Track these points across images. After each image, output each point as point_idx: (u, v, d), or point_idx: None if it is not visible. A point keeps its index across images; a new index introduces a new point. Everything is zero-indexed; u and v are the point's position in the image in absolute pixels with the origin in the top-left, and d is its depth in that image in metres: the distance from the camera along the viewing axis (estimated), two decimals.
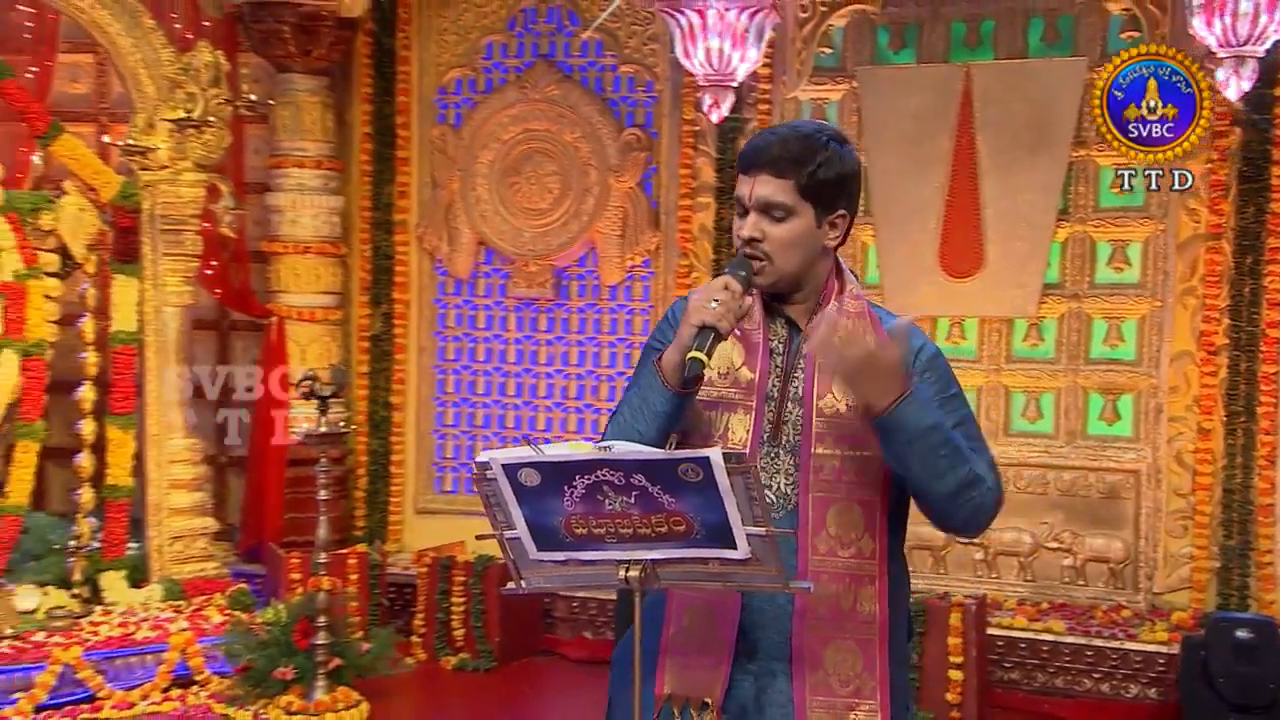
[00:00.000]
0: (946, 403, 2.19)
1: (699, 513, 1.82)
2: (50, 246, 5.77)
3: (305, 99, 6.59)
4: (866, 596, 2.14)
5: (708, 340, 2.02)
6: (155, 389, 5.98)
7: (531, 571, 1.95)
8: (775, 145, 2.17)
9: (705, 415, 2.18)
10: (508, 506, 1.87)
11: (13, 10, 6.66)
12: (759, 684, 2.13)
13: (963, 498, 2.12)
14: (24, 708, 4.93)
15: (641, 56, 6.57)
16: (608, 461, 1.79)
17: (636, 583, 1.88)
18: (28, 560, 5.79)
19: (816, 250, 2.21)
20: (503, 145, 6.67)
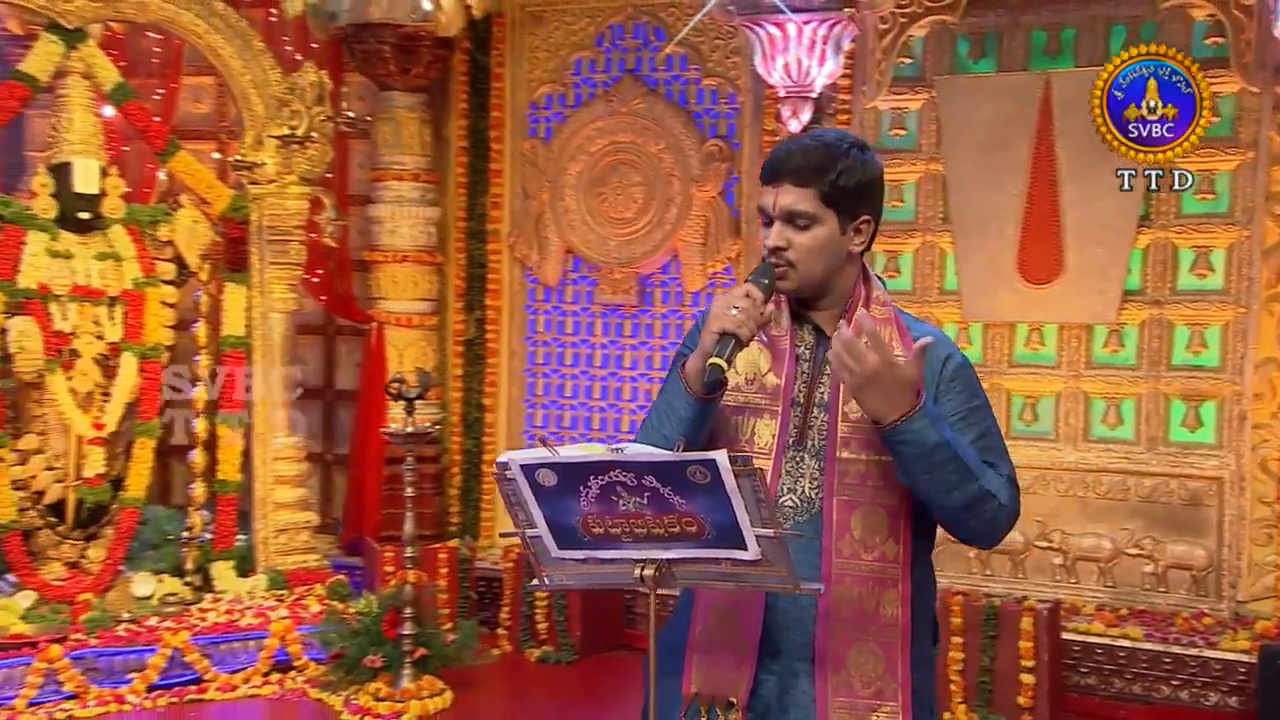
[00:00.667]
0: (970, 414, 2.15)
1: (709, 514, 1.83)
2: (167, 256, 5.99)
3: (404, 115, 6.73)
4: (889, 600, 2.11)
5: (728, 347, 2.01)
6: (261, 390, 6.17)
7: (554, 569, 1.98)
8: (797, 155, 2.16)
9: (732, 420, 2.18)
10: (528, 506, 1.89)
11: (143, 37, 6.94)
12: (782, 683, 2.12)
13: (971, 513, 2.09)
14: (137, 687, 5.12)
15: (724, 69, 6.56)
16: (619, 463, 1.80)
17: (651, 582, 1.89)
18: (146, 549, 6.02)
19: (841, 257, 2.19)
20: (590, 157, 6.72)
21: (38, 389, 5.56)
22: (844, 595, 2.09)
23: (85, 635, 5.22)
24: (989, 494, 2.08)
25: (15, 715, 4.82)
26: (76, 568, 5.68)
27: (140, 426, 5.79)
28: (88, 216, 5.71)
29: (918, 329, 2.24)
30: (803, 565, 2.08)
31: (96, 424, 5.61)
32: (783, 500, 2.13)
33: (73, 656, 5.06)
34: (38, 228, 5.56)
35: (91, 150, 5.74)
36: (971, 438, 2.13)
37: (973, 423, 2.15)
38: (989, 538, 2.15)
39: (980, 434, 2.15)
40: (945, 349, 2.20)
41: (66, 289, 5.58)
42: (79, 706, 4.97)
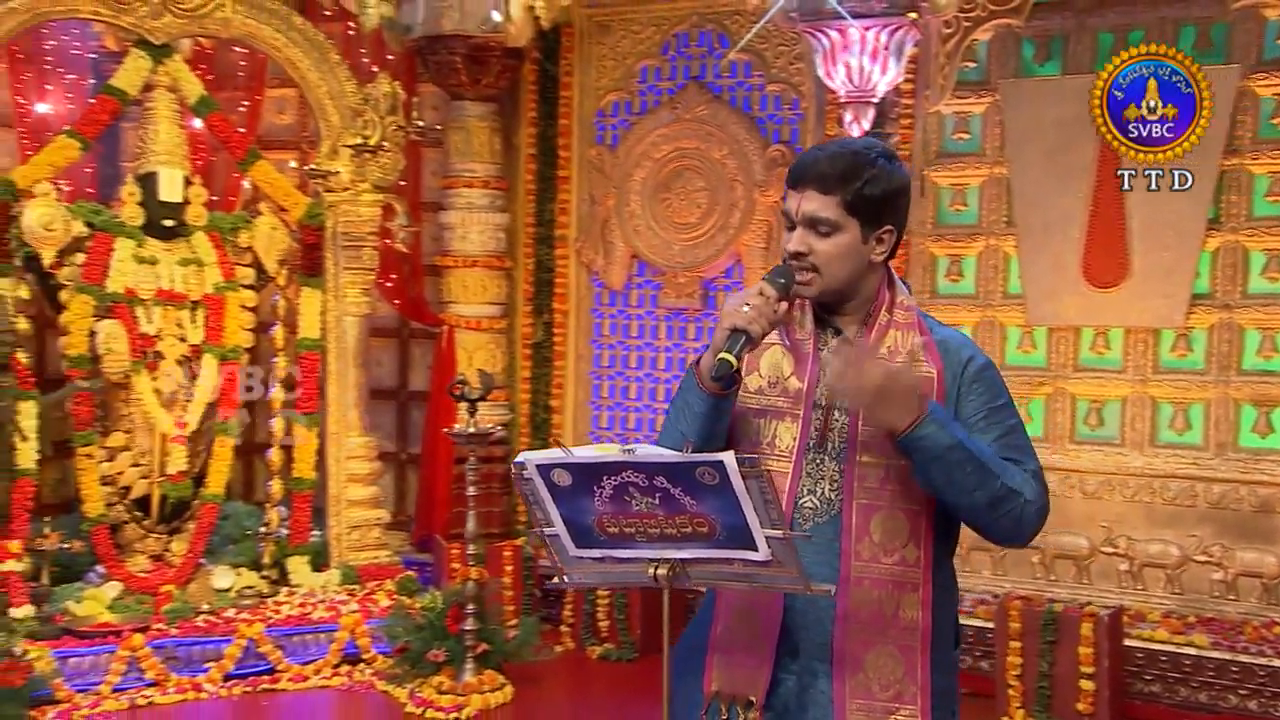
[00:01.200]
0: (992, 413, 2.12)
1: (719, 514, 1.82)
2: (247, 262, 6.13)
3: (475, 124, 6.81)
4: (909, 603, 2.09)
5: (738, 343, 2.01)
6: (336, 391, 6.28)
7: (573, 568, 1.99)
8: (822, 162, 2.14)
9: (754, 423, 2.17)
10: (545, 505, 1.91)
11: (230, 52, 7.12)
12: (801, 683, 2.11)
13: (997, 512, 2.06)
14: (214, 676, 5.25)
15: (788, 75, 6.53)
16: (631, 464, 1.81)
17: (665, 581, 1.89)
18: (226, 544, 6.17)
19: (863, 264, 2.16)
20: (655, 163, 6.73)
21: (125, 389, 5.72)
22: (863, 598, 2.07)
23: (166, 625, 5.36)
24: (1013, 491, 2.05)
25: (100, 700, 4.96)
26: (160, 560, 5.83)
27: (220, 426, 5.93)
28: (172, 224, 5.87)
29: (941, 333, 2.21)
30: (822, 567, 2.07)
31: (179, 423, 5.76)
32: (803, 502, 2.11)
33: (154, 645, 5.20)
34: (125, 235, 5.73)
35: (176, 160, 5.90)
36: (994, 436, 2.11)
37: (995, 421, 2.12)
38: (1018, 536, 2.12)
39: (1003, 432, 2.12)
40: (967, 351, 2.17)
41: (151, 293, 5.73)
42: (159, 693, 5.10)
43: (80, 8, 5.75)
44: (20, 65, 6.91)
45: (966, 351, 2.17)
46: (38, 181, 5.57)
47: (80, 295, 5.57)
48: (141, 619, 5.38)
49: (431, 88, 7.06)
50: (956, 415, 2.11)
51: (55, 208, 5.55)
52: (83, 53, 7.10)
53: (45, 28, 7.02)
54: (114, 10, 5.76)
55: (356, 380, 6.34)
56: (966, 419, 2.11)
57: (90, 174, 6.92)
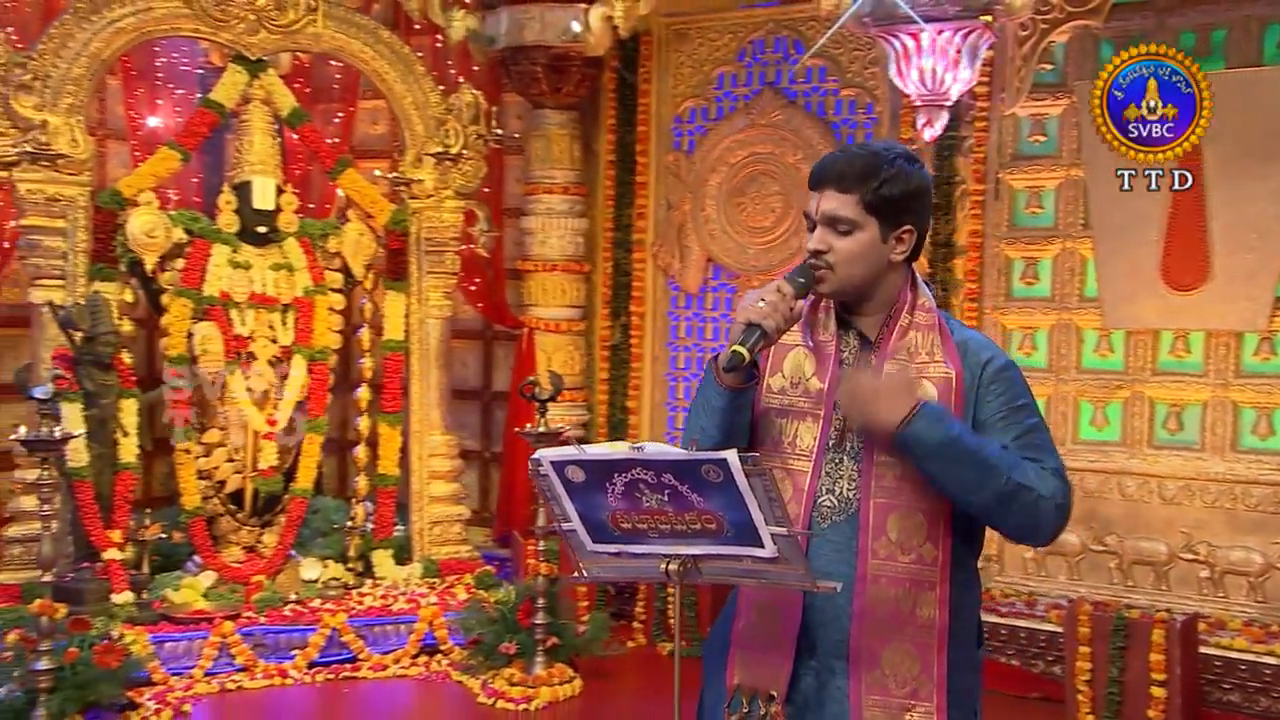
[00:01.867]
0: (1012, 413, 2.10)
1: (725, 511, 1.84)
2: (335, 266, 6.29)
3: (555, 131, 6.89)
4: (926, 601, 2.07)
5: (751, 336, 2.02)
6: (419, 391, 6.41)
7: (590, 562, 2.02)
8: (842, 162, 2.15)
9: (776, 422, 2.18)
10: (561, 501, 1.94)
11: (326, 66, 7.32)
12: (820, 680, 2.11)
13: (1008, 509, 2.03)
14: (299, 663, 5.40)
15: (862, 80, 6.48)
16: (640, 461, 1.83)
17: (677, 576, 1.91)
18: (316, 537, 6.34)
19: (882, 264, 2.16)
20: (730, 168, 6.74)
21: (221, 387, 5.91)
22: (879, 595, 2.06)
23: (256, 613, 5.53)
24: (1022, 487, 2.02)
25: (193, 683, 5.15)
26: (253, 551, 6.02)
27: (309, 424, 6.10)
28: (265, 230, 6.05)
29: (962, 334, 2.19)
30: (840, 565, 2.07)
31: (269, 420, 5.94)
32: (821, 501, 2.11)
33: (243, 632, 5.37)
34: (221, 241, 5.93)
35: (269, 170, 6.09)
36: (1013, 435, 2.09)
37: (1014, 421, 2.10)
38: (1036, 533, 2.08)
39: (1022, 431, 2.10)
40: (986, 353, 2.15)
41: (245, 296, 5.93)
42: (248, 678, 5.27)
43: (182, 26, 5.97)
44: (133, 80, 7.20)
45: (986, 353, 2.15)
46: (141, 191, 5.79)
47: (179, 298, 5.78)
48: (233, 607, 5.56)
49: (516, 97, 7.16)
50: (976, 416, 2.10)
51: (157, 216, 5.76)
52: (191, 68, 7.35)
53: (156, 45, 7.33)
54: (213, 27, 5.97)
55: (438, 380, 6.46)
56: (985, 419, 2.09)
57: (197, 184, 7.18)
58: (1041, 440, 2.11)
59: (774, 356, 2.21)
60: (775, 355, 2.21)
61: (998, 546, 6.13)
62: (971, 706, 2.15)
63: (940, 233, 6.21)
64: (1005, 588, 6.04)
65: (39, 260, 5.56)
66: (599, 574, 2.04)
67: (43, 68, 5.54)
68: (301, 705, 5.17)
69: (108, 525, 5.37)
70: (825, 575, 2.07)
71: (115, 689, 4.55)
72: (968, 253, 6.16)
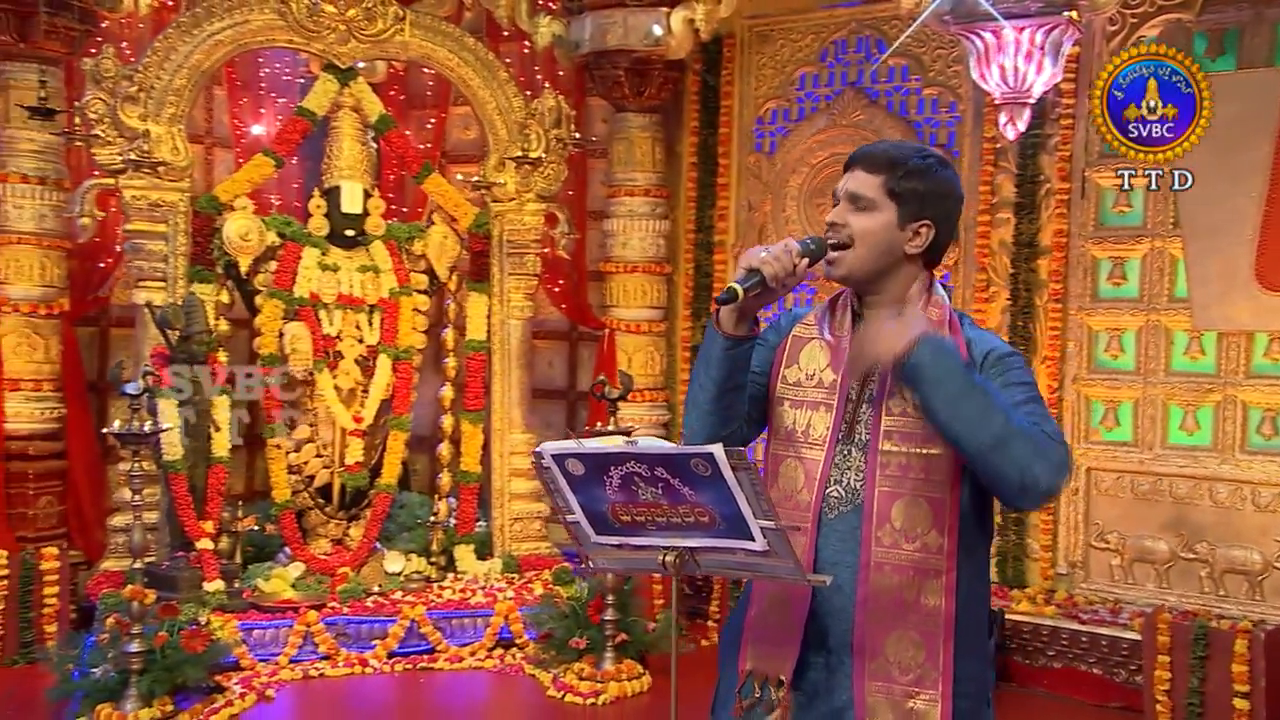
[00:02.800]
0: (1013, 389, 2.10)
1: (715, 505, 1.87)
2: (421, 269, 6.46)
3: (637, 134, 6.96)
4: (932, 590, 2.08)
5: (751, 279, 2.06)
6: (500, 390, 6.54)
7: (595, 553, 2.07)
8: (877, 149, 2.22)
9: (791, 413, 2.21)
10: (564, 493, 1.99)
11: (420, 73, 7.53)
12: (829, 668, 2.14)
13: (1004, 456, 1.97)
14: (379, 653, 5.57)
15: (945, 79, 6.40)
16: (633, 454, 1.88)
17: (674, 568, 1.95)
18: (402, 531, 6.52)
19: (896, 253, 2.18)
20: (811, 169, 6.72)
21: (310, 385, 6.13)
22: (883, 583, 2.08)
23: (339, 604, 5.71)
24: (1021, 433, 1.98)
25: (278, 670, 5.35)
26: (340, 544, 6.22)
27: (393, 421, 6.27)
28: (353, 234, 6.24)
29: (972, 332, 2.19)
30: (845, 554, 2.10)
31: (356, 417, 6.12)
32: (829, 491, 2.14)
33: (327, 622, 5.56)
34: (311, 244, 6.14)
35: (357, 175, 6.28)
36: (1016, 401, 2.06)
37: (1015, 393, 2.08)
38: (1029, 489, 1.99)
39: (1024, 399, 2.08)
40: (988, 345, 2.18)
41: (333, 298, 6.12)
42: (330, 666, 5.45)
43: (276, 37, 6.21)
44: (237, 90, 7.51)
45: (990, 344, 2.17)
46: (237, 196, 6.04)
47: (271, 299, 6.00)
48: (319, 597, 5.75)
49: (600, 101, 7.25)
50: None
51: (251, 220, 6.00)
52: (292, 78, 7.63)
53: (260, 56, 7.63)
54: (305, 38, 6.19)
55: (519, 380, 6.58)
56: None
57: (297, 189, 7.44)
58: (1038, 410, 2.09)
59: (791, 349, 2.25)
60: (793, 347, 2.25)
61: (1083, 552, 6.00)
62: (982, 696, 2.15)
63: (1024, 233, 6.10)
64: (1090, 594, 5.91)
65: (142, 263, 5.84)
66: (604, 565, 2.09)
67: (147, 79, 5.82)
68: (380, 694, 5.32)
69: (201, 516, 5.60)
70: (832, 565, 2.10)
71: (200, 672, 4.76)
72: (1052, 253, 6.04)
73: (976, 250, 6.22)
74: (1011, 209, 6.13)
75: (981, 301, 6.20)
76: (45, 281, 6.12)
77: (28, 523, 5.99)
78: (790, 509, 2.15)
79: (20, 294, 6.03)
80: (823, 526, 2.12)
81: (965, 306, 6.29)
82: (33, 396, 6.10)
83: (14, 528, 5.91)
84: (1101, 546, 5.98)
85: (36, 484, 6.08)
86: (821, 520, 2.12)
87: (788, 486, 2.17)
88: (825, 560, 2.11)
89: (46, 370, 6.14)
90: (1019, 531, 6.13)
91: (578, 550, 2.09)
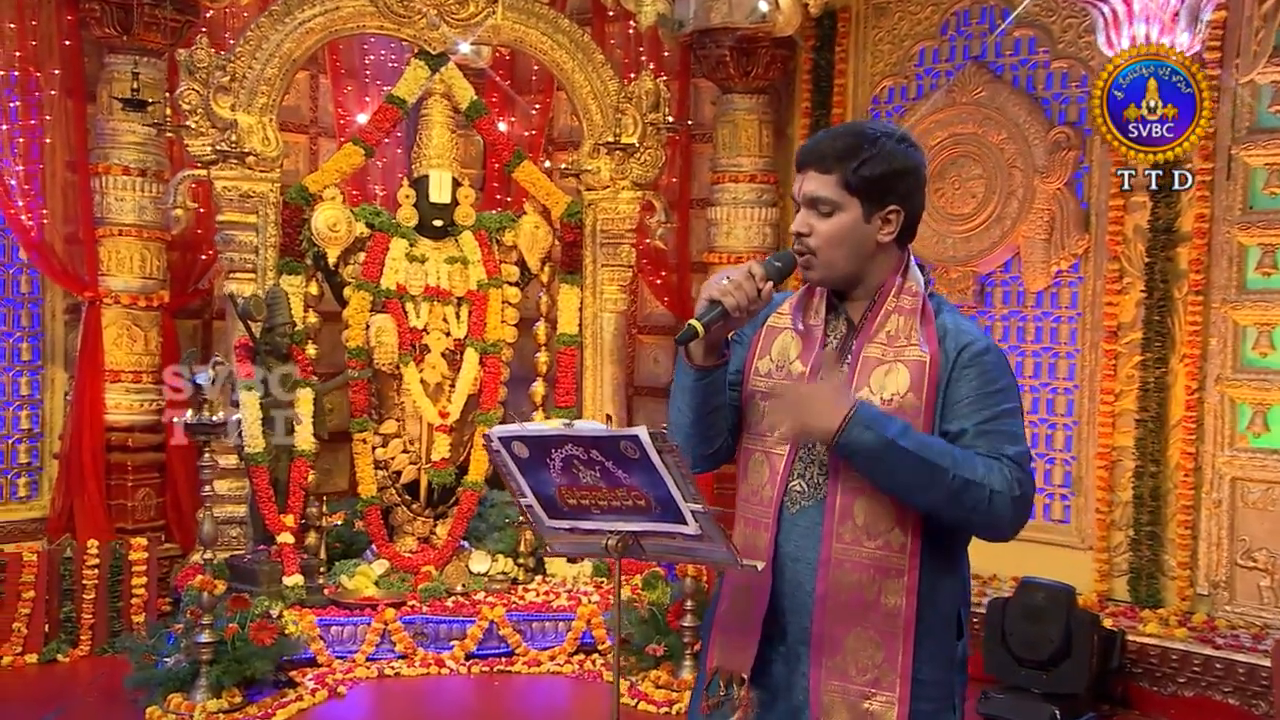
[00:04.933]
0: (981, 398, 2.15)
1: (649, 489, 1.99)
2: (512, 260, 6.70)
3: (743, 117, 7.06)
4: (892, 589, 2.15)
5: (711, 313, 2.15)
6: (592, 386, 6.73)
7: (552, 538, 2.21)
8: (824, 143, 2.25)
9: (760, 405, 2.30)
10: (515, 477, 2.14)
11: (525, 58, 7.79)
12: (788, 665, 2.23)
13: (961, 507, 2.10)
14: (457, 654, 5.82)
15: (1076, 50, 6.28)
16: (570, 436, 2.01)
17: (616, 552, 2.08)
18: (492, 531, 6.76)
19: (869, 246, 2.24)
20: (929, 151, 6.68)
21: (397, 379, 6.43)
22: (842, 580, 2.15)
23: (419, 603, 5.99)
24: (971, 482, 2.07)
25: (354, 667, 5.66)
26: (426, 542, 6.51)
27: (481, 417, 6.53)
28: (441, 224, 6.52)
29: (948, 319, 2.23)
30: (807, 551, 2.19)
31: (442, 412, 6.40)
32: (792, 485, 2.22)
33: (405, 621, 5.84)
34: (400, 235, 6.45)
35: (445, 163, 6.55)
36: (976, 421, 2.14)
37: (982, 406, 2.15)
38: (997, 527, 2.13)
39: (989, 416, 2.14)
40: (967, 337, 2.20)
41: (420, 289, 6.41)
42: (406, 665, 5.73)
43: (367, 24, 6.55)
44: (341, 79, 7.92)
45: (966, 337, 2.20)
46: (327, 186, 6.39)
47: (359, 291, 6.33)
48: (401, 595, 6.04)
49: (709, 83, 7.36)
50: (946, 397, 2.15)
51: (340, 210, 6.33)
52: (398, 65, 8.00)
53: (365, 43, 8.03)
54: (396, 24, 6.51)
55: (612, 376, 6.76)
56: (953, 402, 2.15)
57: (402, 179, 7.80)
58: (1007, 427, 2.15)
59: (764, 340, 2.34)
60: (766, 338, 2.34)
61: (1227, 571, 5.82)
62: (946, 700, 2.20)
63: (1161, 217, 5.95)
64: (1234, 618, 5.73)
65: (232, 254, 6.24)
66: (560, 550, 2.23)
67: (239, 69, 6.22)
68: (453, 695, 5.57)
69: (282, 510, 5.95)
70: (793, 560, 2.19)
71: (269, 665, 5.09)
72: (1192, 240, 5.88)
73: (1108, 237, 6.09)
74: (1147, 193, 5.98)
75: (1113, 294, 6.08)
76: (145, 273, 6.56)
77: (126, 514, 6.44)
78: (755, 505, 2.25)
79: (121, 286, 6.48)
80: (784, 521, 2.21)
81: (1095, 300, 6.18)
82: (133, 388, 6.55)
83: (113, 519, 6.38)
84: (1249, 565, 5.79)
85: (135, 476, 6.53)
86: (783, 515, 2.21)
87: (755, 481, 2.27)
88: (786, 555, 2.20)
89: (146, 362, 6.58)
90: (1153, 547, 5.99)
91: (535, 536, 2.24)
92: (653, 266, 7.14)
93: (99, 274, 6.40)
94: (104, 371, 6.44)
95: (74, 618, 5.90)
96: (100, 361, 6.43)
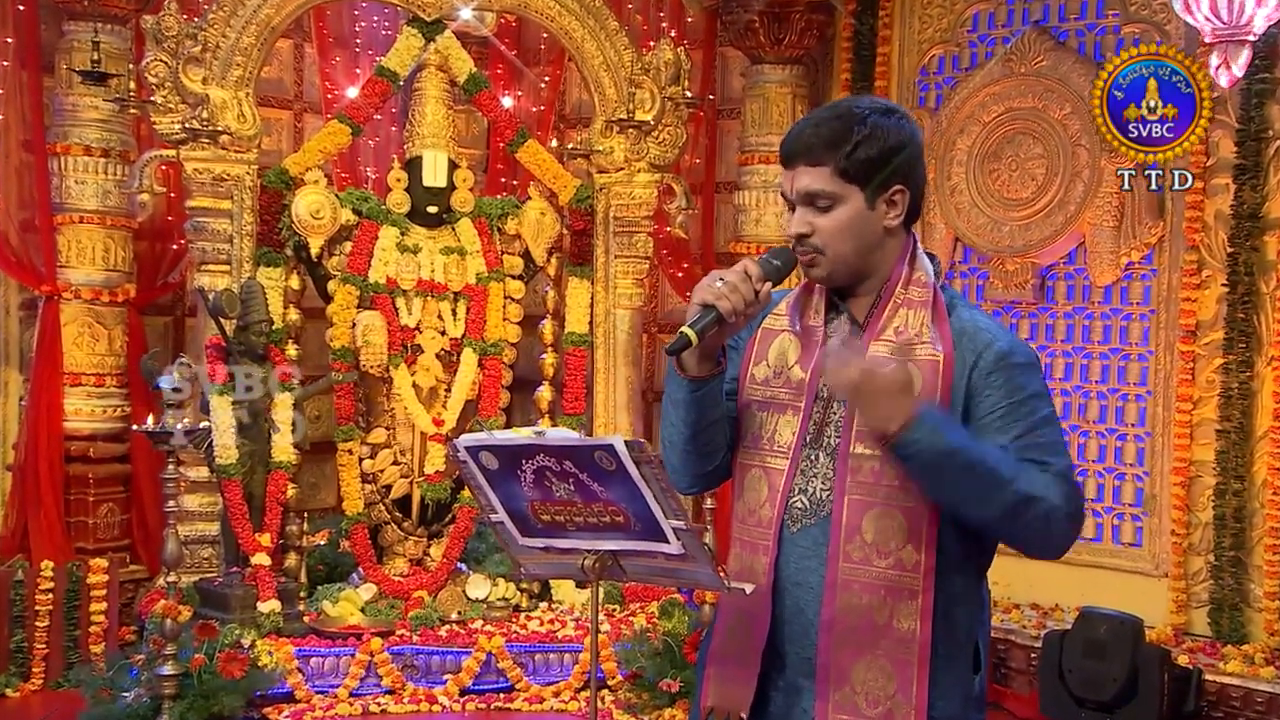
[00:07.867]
0: (1013, 409, 2.16)
1: (627, 503, 2.01)
2: (515, 250, 6.73)
3: (774, 90, 7.08)
4: (905, 613, 2.16)
5: (705, 319, 2.16)
6: (604, 391, 6.76)
7: (525, 558, 2.24)
8: (808, 132, 2.26)
9: (757, 416, 2.32)
10: (484, 490, 2.17)
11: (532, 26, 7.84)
12: (788, 700, 2.24)
13: (1016, 523, 2.12)
14: (450, 689, 5.86)
15: (1150, 14, 6.28)
16: (541, 446, 2.04)
17: (594, 573, 2.10)
18: (492, 553, 6.80)
19: (877, 234, 2.25)
20: (983, 128, 6.69)
21: (386, 383, 6.48)
22: (851, 604, 2.17)
23: (409, 632, 6.03)
24: (1030, 497, 2.10)
25: (335, 703, 5.70)
26: (419, 565, 6.55)
27: (480, 424, 6.55)
28: (436, 210, 6.55)
29: (965, 315, 2.25)
30: (810, 573, 2.20)
31: (436, 420, 6.43)
32: (793, 502, 2.24)
33: (393, 651, 5.88)
34: (390, 222, 6.47)
35: (440, 143, 6.57)
36: (1014, 434, 2.15)
37: (1017, 418, 2.16)
38: (1048, 547, 2.18)
39: (1026, 429, 2.16)
40: (986, 337, 2.20)
41: (412, 283, 6.43)
42: (393, 702, 5.77)
43: None
44: (329, 49, 7.99)
45: (986, 337, 2.20)
46: (309, 169, 6.42)
47: (344, 285, 6.37)
48: (390, 624, 6.08)
49: (736, 53, 7.39)
50: (969, 411, 2.16)
51: (324, 195, 6.35)
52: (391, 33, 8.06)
53: (355, 9, 8.10)
54: None
55: (627, 379, 6.78)
56: (981, 416, 2.16)
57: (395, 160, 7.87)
58: (1048, 439, 2.16)
59: (760, 343, 2.35)
60: (762, 342, 2.35)
61: None
62: None
63: (1246, 202, 5.93)
64: None
65: (204, 244, 6.28)
66: (534, 571, 2.26)
67: (212, 39, 6.27)
68: None
69: (258, 528, 6.01)
70: (794, 585, 2.21)
71: (239, 701, 5.15)
72: None
73: (1186, 224, 6.07)
74: (1230, 173, 5.96)
75: (1191, 288, 6.06)
76: (109, 265, 6.63)
77: (86, 532, 6.51)
78: (752, 525, 2.27)
79: (82, 279, 6.55)
80: (784, 542, 2.22)
81: (1171, 294, 6.16)
82: (95, 393, 6.63)
83: (72, 538, 6.45)
84: None
85: (97, 490, 6.60)
86: (783, 535, 2.23)
87: (752, 500, 2.28)
88: (787, 580, 2.21)
89: (110, 364, 6.66)
90: (1236, 575, 5.96)
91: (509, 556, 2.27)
92: (673, 257, 7.17)
93: (57, 266, 6.48)
94: (63, 374, 6.52)
95: (25, 648, 5.97)
96: (59, 363, 6.51)
